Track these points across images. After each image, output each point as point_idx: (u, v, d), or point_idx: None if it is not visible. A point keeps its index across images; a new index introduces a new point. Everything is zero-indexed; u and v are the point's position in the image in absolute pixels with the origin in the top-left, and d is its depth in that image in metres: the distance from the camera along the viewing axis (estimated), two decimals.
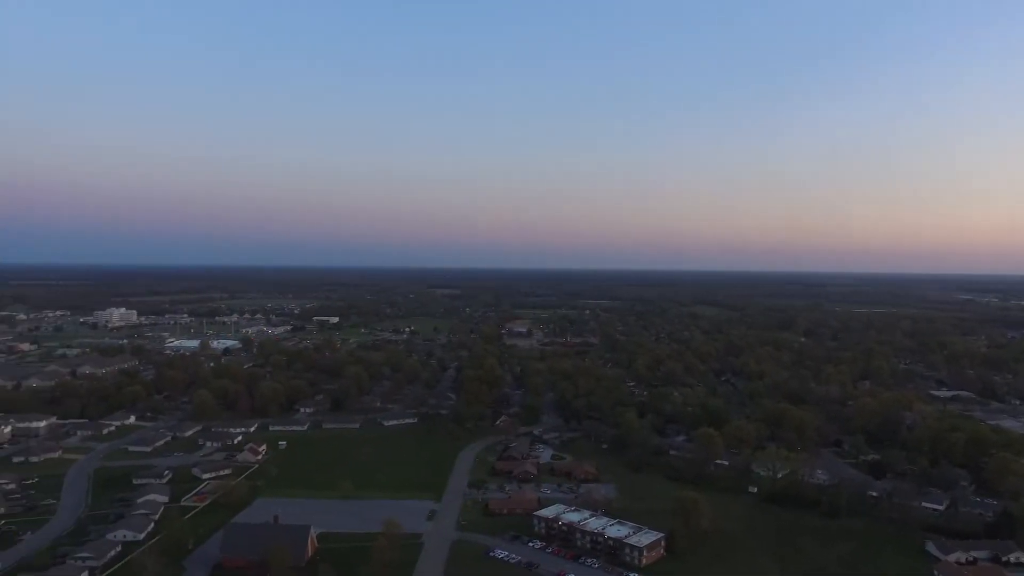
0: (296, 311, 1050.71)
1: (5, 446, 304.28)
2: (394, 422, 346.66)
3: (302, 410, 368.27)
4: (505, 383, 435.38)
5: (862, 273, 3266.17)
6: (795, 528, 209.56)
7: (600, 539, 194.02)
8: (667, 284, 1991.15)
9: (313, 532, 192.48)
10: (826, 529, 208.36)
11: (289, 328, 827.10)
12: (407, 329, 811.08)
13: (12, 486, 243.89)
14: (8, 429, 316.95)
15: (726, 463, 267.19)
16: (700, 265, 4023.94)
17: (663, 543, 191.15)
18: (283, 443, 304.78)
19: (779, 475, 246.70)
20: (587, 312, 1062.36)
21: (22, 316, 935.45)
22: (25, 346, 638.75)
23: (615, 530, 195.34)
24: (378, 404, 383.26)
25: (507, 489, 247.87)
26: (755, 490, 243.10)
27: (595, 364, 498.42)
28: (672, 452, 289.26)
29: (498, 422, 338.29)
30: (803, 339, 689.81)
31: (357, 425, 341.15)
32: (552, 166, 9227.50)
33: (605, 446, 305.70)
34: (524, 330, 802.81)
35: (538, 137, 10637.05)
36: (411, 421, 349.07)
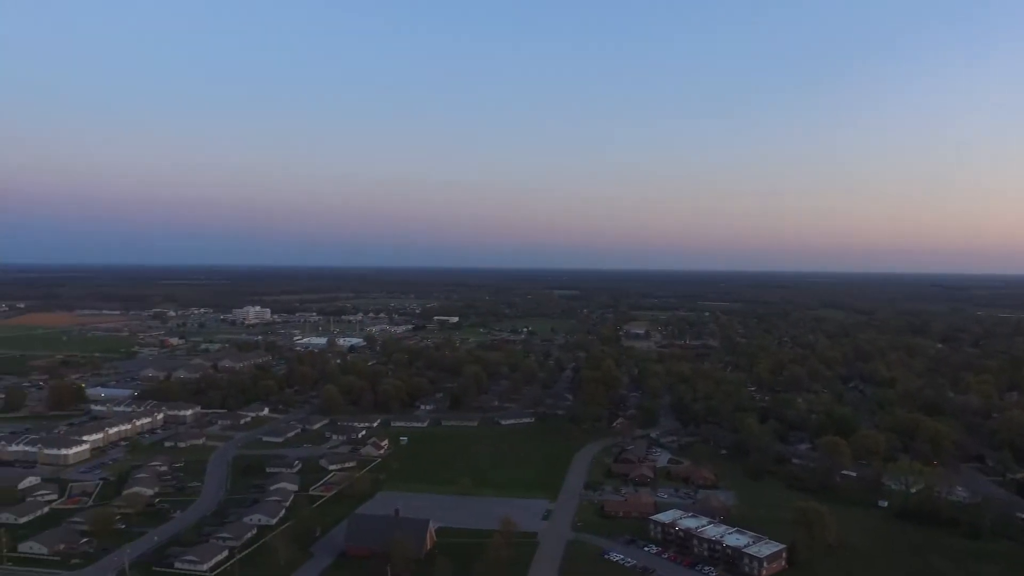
0: (418, 311, 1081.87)
1: (158, 431, 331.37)
2: (511, 421, 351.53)
3: (422, 407, 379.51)
4: (622, 385, 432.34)
5: (1010, 275, 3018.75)
6: (930, 547, 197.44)
7: (718, 547, 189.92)
8: (790, 286, 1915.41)
9: (432, 526, 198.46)
10: (966, 551, 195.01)
11: (411, 327, 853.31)
12: (525, 329, 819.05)
13: (164, 468, 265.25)
14: (161, 416, 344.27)
15: (853, 474, 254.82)
16: (825, 267, 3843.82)
17: (784, 555, 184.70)
18: (404, 439, 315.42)
19: (913, 490, 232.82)
20: (706, 314, 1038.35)
21: (172, 313, 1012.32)
22: (174, 340, 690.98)
23: (734, 538, 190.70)
24: (496, 403, 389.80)
25: (623, 492, 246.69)
26: (886, 504, 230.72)
27: (714, 367, 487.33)
28: (795, 460, 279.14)
29: (615, 424, 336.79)
30: (939, 345, 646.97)
31: (475, 423, 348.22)
32: (673, 167, 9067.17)
33: (724, 451, 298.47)
34: (642, 331, 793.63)
35: (665, 138, 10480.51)
36: (528, 421, 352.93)
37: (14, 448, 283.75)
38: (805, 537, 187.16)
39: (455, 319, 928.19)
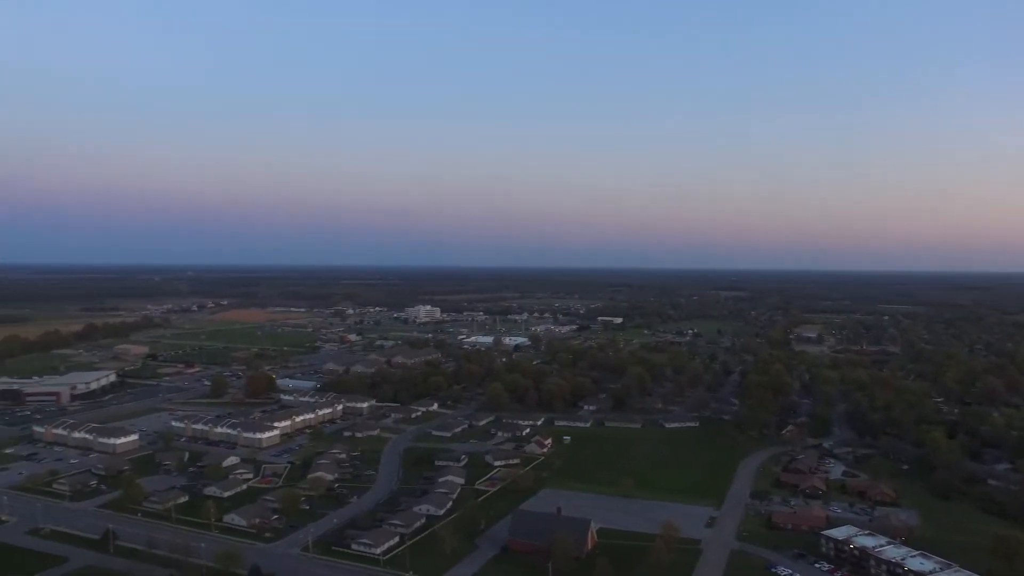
0: (582, 311, 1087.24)
1: (338, 421, 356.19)
2: (675, 424, 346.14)
3: (585, 407, 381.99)
4: (792, 391, 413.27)
5: None
6: None
7: (899, 571, 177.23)
8: (984, 288, 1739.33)
9: (593, 526, 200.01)
10: None
11: (575, 327, 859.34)
12: (690, 331, 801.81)
13: (343, 456, 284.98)
14: (340, 407, 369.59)
15: None
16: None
17: None
18: (567, 438, 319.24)
19: None
20: (886, 318, 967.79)
21: (351, 311, 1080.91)
22: (353, 337, 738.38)
23: (918, 563, 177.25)
24: (659, 405, 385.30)
25: (792, 504, 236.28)
26: None
27: (895, 375, 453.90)
28: (991, 481, 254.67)
29: (784, 431, 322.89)
30: None
31: (638, 425, 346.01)
32: (842, 164, 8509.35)
33: (905, 467, 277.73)
34: (814, 335, 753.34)
35: (831, 132, 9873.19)
36: (692, 424, 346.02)
37: (219, 430, 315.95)
38: (1005, 570, 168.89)
39: (619, 320, 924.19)
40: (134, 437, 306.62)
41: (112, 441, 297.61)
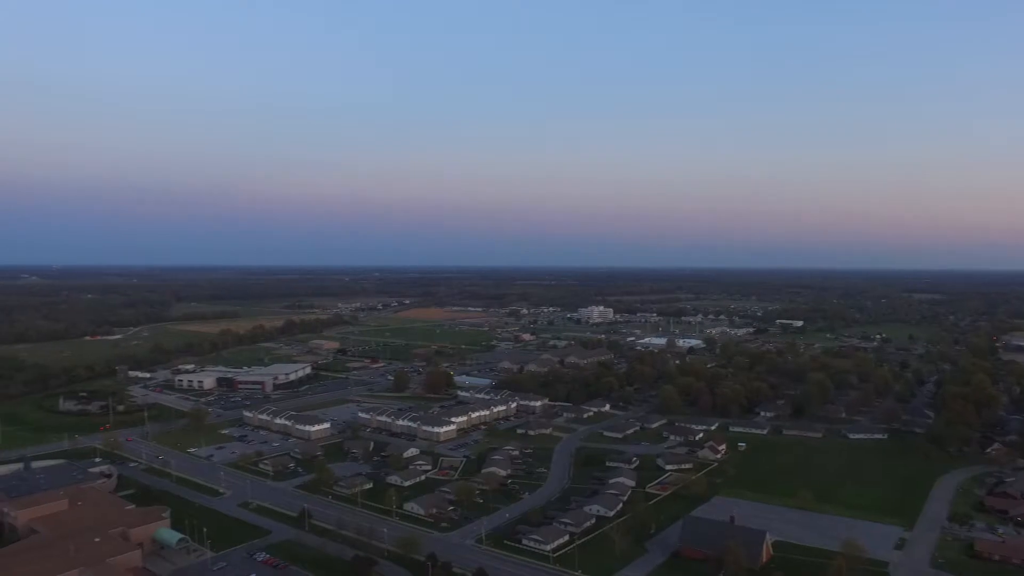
0: (759, 313, 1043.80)
1: (511, 419, 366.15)
2: (860, 436, 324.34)
3: (762, 413, 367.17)
4: (999, 405, 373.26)
5: None
6: None
7: None
8: None
9: (769, 538, 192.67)
10: None
11: (752, 330, 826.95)
12: (878, 336, 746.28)
13: (516, 452, 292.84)
14: (514, 405, 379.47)
15: None
16: None
17: None
18: (742, 444, 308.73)
19: None
20: None
21: (525, 311, 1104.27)
22: (527, 336, 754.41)
23: None
24: (842, 414, 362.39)
25: (1000, 532, 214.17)
26: None
27: None
28: None
29: (988, 450, 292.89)
30: None
31: (819, 434, 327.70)
32: None
33: None
34: None
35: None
36: (879, 436, 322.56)
37: (401, 423, 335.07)
38: None
39: (799, 323, 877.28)
40: (326, 426, 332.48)
41: (307, 428, 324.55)
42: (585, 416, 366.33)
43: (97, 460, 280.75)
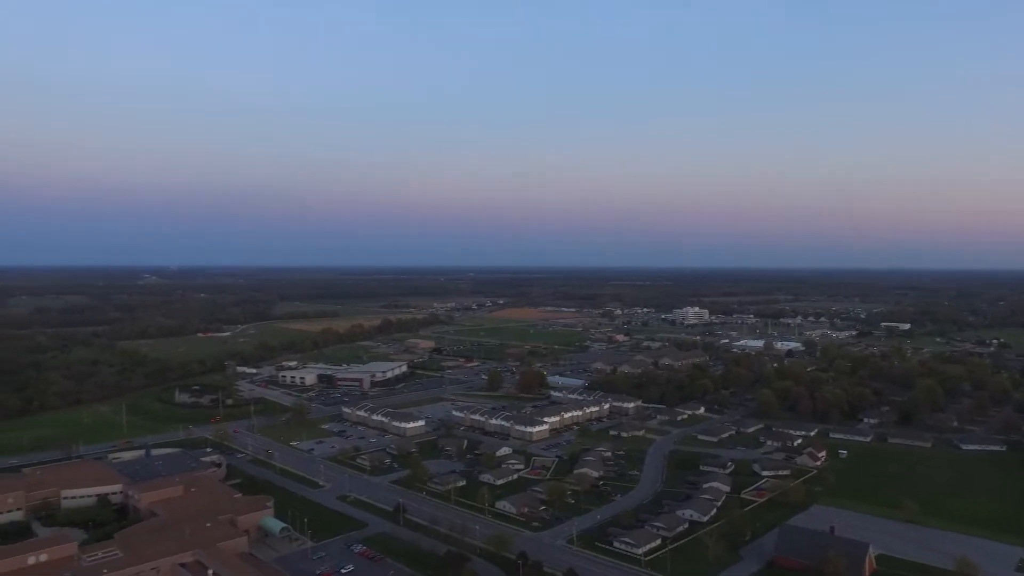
0: (862, 315, 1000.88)
1: (604, 420, 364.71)
2: (974, 447, 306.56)
3: (865, 420, 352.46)
4: None
5: None
6: None
7: None
8: None
9: (872, 551, 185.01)
10: None
11: (854, 333, 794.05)
12: (994, 341, 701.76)
13: (608, 454, 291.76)
14: (607, 406, 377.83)
15: None
16: None
17: None
18: (843, 452, 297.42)
19: None
20: None
21: (618, 312, 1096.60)
22: (620, 337, 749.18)
23: None
24: (954, 423, 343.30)
25: None
26: None
27: None
28: None
29: None
30: None
31: (928, 444, 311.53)
32: None
33: None
34: None
35: None
36: (996, 448, 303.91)
37: (494, 422, 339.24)
38: None
39: (906, 326, 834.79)
40: (421, 423, 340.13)
41: (403, 425, 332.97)
42: (679, 419, 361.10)
43: (208, 450, 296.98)
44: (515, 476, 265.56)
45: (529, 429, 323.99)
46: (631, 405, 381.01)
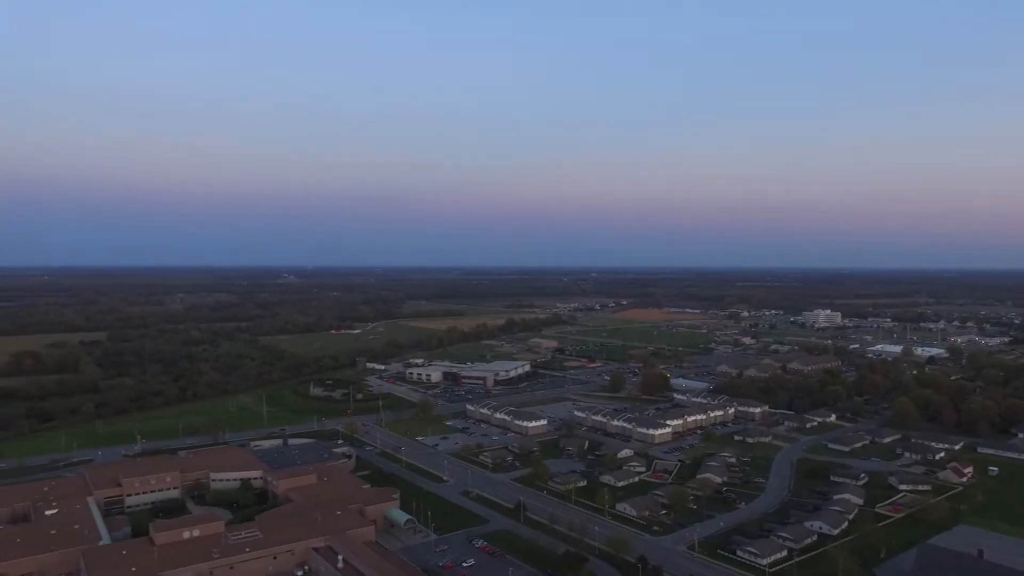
0: (1016, 320, 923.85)
1: (729, 424, 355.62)
2: None
3: (1020, 435, 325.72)
4: None
5: None
6: None
7: None
8: None
9: None
10: None
11: (1007, 339, 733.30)
12: None
13: (733, 460, 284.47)
14: (731, 410, 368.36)
15: None
16: None
17: None
18: (994, 469, 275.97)
19: None
20: None
21: (745, 314, 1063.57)
22: (747, 339, 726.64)
23: None
24: None
25: None
26: None
27: None
28: None
29: None
30: None
31: None
32: None
33: None
34: None
35: None
36: None
37: (616, 423, 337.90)
38: None
39: None
40: (543, 422, 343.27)
41: (525, 424, 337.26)
42: (808, 426, 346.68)
43: (340, 442, 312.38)
44: (636, 479, 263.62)
45: (651, 432, 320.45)
46: (757, 410, 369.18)
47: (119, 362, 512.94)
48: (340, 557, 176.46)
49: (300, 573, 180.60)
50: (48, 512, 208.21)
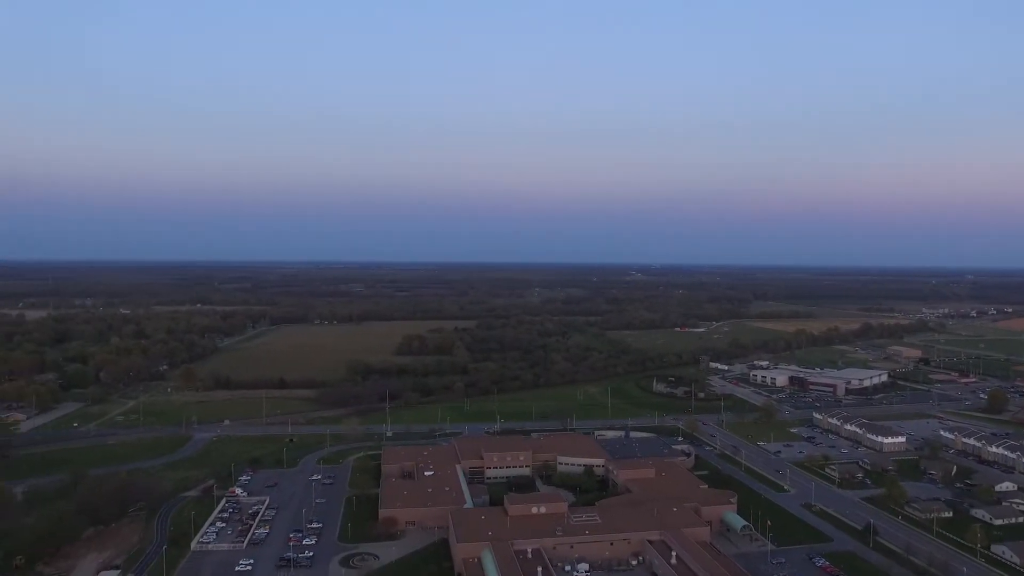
0: None
1: None
2: None
3: None
4: None
5: None
6: None
7: None
8: None
9: None
10: None
11: None
12: None
13: None
14: None
15: None
16: None
17: None
18: None
19: None
20: None
21: None
22: None
23: None
24: None
25: None
26: None
27: None
28: None
29: None
30: None
31: None
32: None
33: None
34: None
35: None
36: None
37: (994, 449, 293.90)
38: None
39: None
40: (901, 439, 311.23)
41: (879, 439, 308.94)
42: None
43: (679, 439, 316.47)
44: (1020, 519, 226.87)
45: None
46: None
47: (484, 348, 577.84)
48: (674, 553, 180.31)
49: (635, 563, 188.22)
50: (427, 473, 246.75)
